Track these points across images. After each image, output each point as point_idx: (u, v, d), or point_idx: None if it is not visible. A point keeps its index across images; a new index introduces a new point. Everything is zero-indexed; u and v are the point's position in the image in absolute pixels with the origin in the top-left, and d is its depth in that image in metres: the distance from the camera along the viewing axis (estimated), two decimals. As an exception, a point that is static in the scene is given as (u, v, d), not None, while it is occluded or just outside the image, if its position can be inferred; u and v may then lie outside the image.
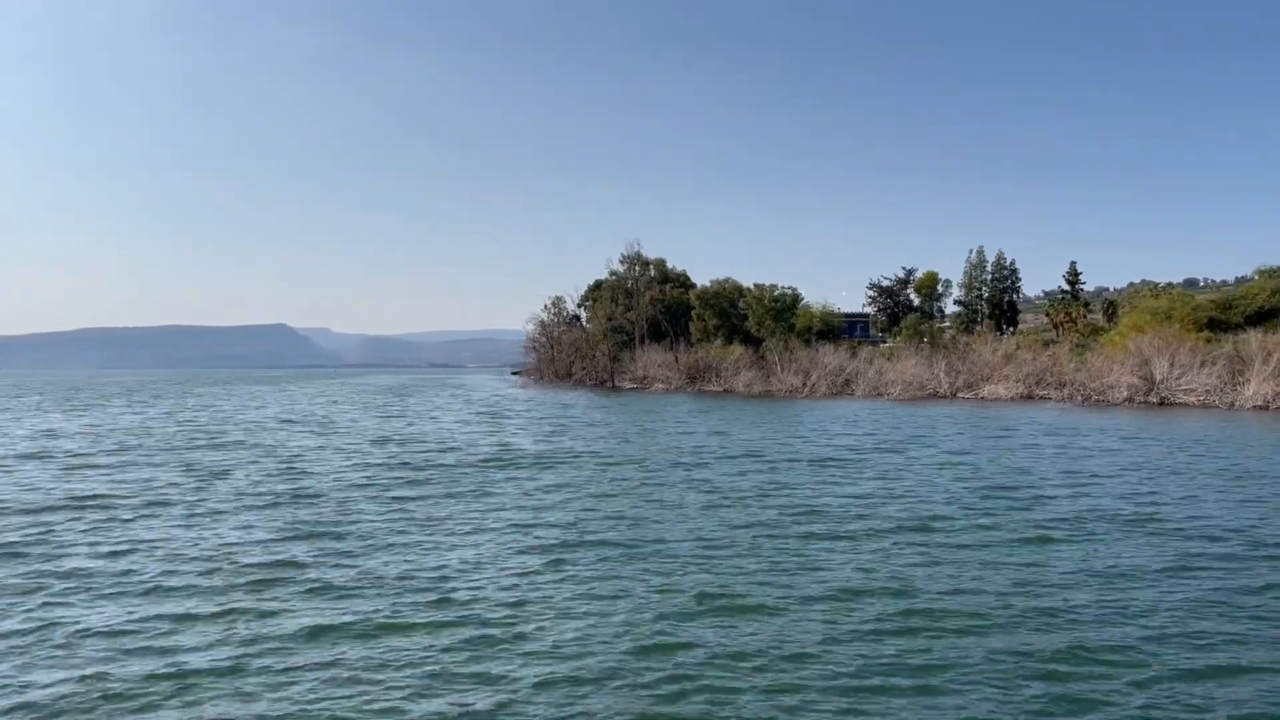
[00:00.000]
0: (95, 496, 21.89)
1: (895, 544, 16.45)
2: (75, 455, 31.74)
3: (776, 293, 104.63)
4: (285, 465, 28.54)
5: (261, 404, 73.56)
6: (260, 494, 22.36)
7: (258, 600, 12.72)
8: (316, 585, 13.48)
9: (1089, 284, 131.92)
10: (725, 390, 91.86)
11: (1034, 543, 16.53)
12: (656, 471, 26.98)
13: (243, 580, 13.79)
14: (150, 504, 20.78)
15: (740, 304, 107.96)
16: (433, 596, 12.93)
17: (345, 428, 45.26)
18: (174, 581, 13.66)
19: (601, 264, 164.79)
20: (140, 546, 16.12)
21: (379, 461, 29.47)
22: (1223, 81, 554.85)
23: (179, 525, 18.21)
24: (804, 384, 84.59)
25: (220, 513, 19.66)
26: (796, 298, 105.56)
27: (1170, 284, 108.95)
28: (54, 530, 17.69)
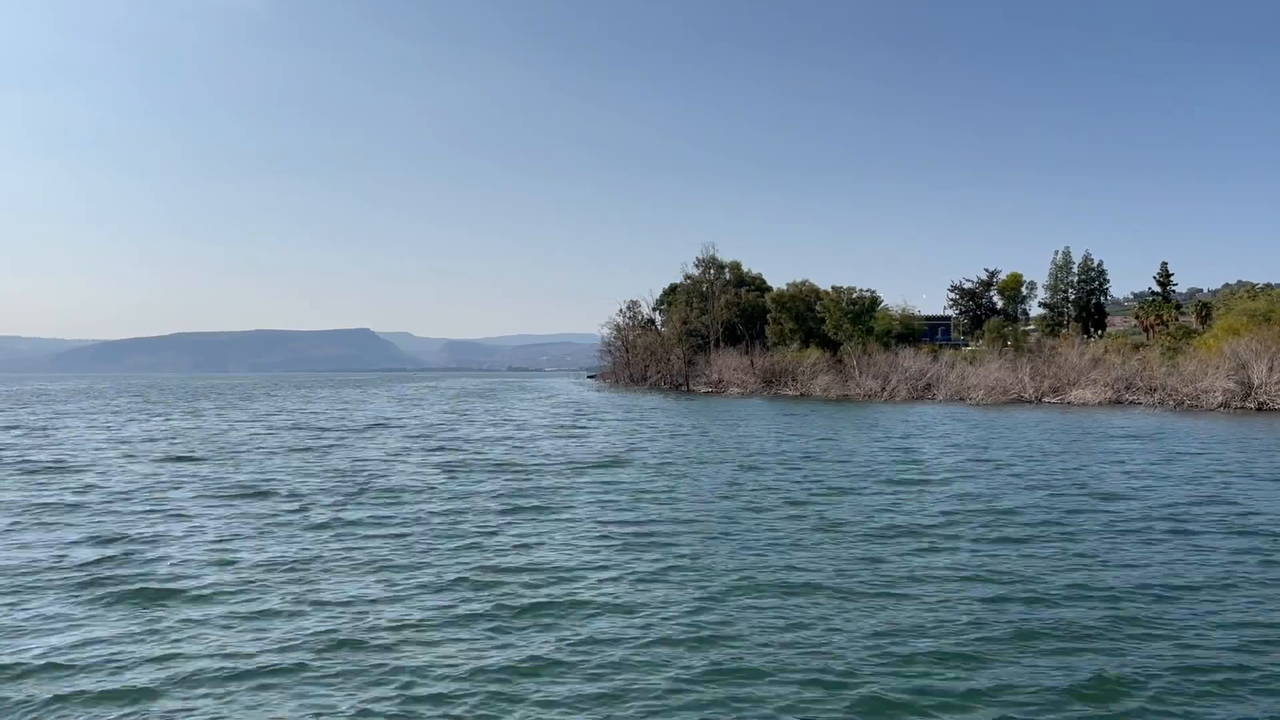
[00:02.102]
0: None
1: (991, 545, 16.13)
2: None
3: (855, 295, 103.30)
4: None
5: (408, 404, 75.38)
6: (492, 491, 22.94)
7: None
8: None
9: (1181, 285, 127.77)
10: (801, 394, 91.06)
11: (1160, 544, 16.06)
12: (758, 471, 26.92)
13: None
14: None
15: (817, 307, 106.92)
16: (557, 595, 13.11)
17: (451, 430, 46.10)
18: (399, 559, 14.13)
19: (677, 268, 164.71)
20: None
21: (478, 459, 30.01)
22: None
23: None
24: (883, 388, 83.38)
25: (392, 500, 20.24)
26: (875, 300, 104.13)
27: (1269, 285, 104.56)
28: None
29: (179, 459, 31.41)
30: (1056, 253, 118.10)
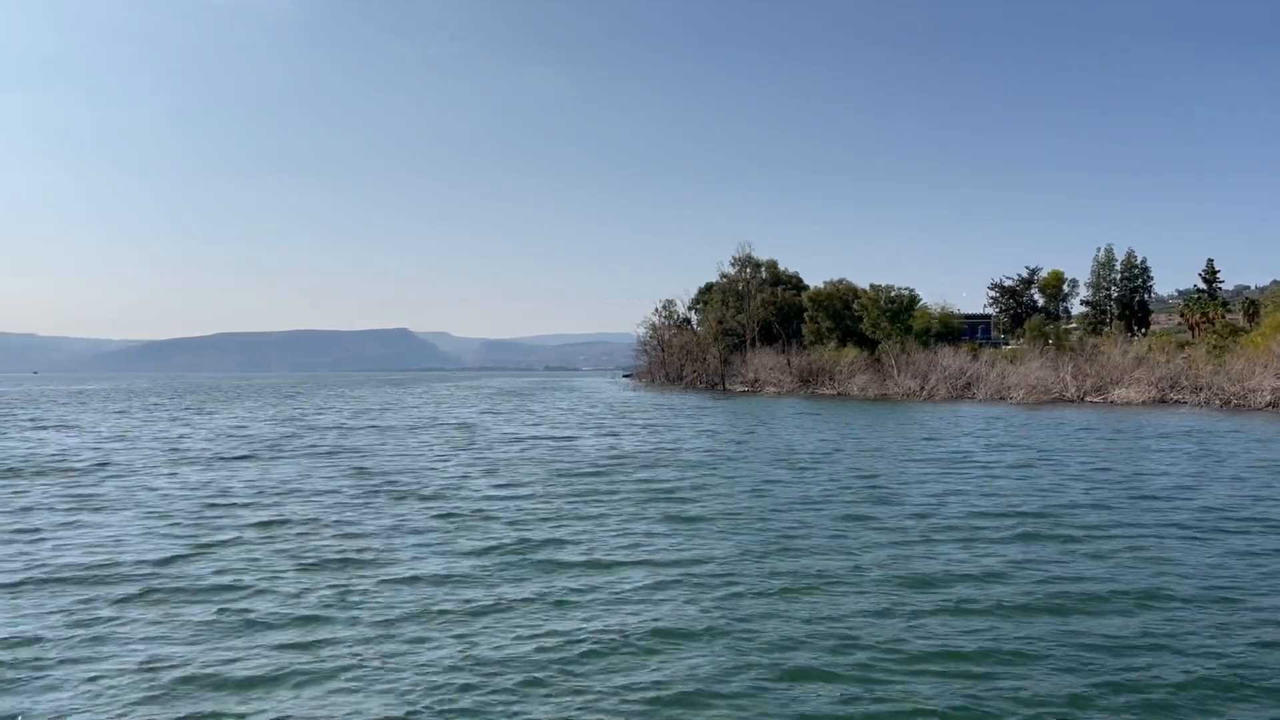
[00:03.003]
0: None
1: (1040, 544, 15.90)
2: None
3: (893, 294, 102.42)
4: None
5: (440, 402, 76.11)
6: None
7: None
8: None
9: (1227, 283, 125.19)
10: (839, 394, 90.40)
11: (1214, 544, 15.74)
12: (802, 470, 26.78)
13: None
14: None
15: (855, 305, 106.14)
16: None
17: (491, 430, 46.40)
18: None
19: (713, 267, 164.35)
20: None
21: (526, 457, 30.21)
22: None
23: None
24: (922, 387, 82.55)
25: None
26: (914, 299, 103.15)
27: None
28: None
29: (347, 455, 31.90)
30: (1099, 250, 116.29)
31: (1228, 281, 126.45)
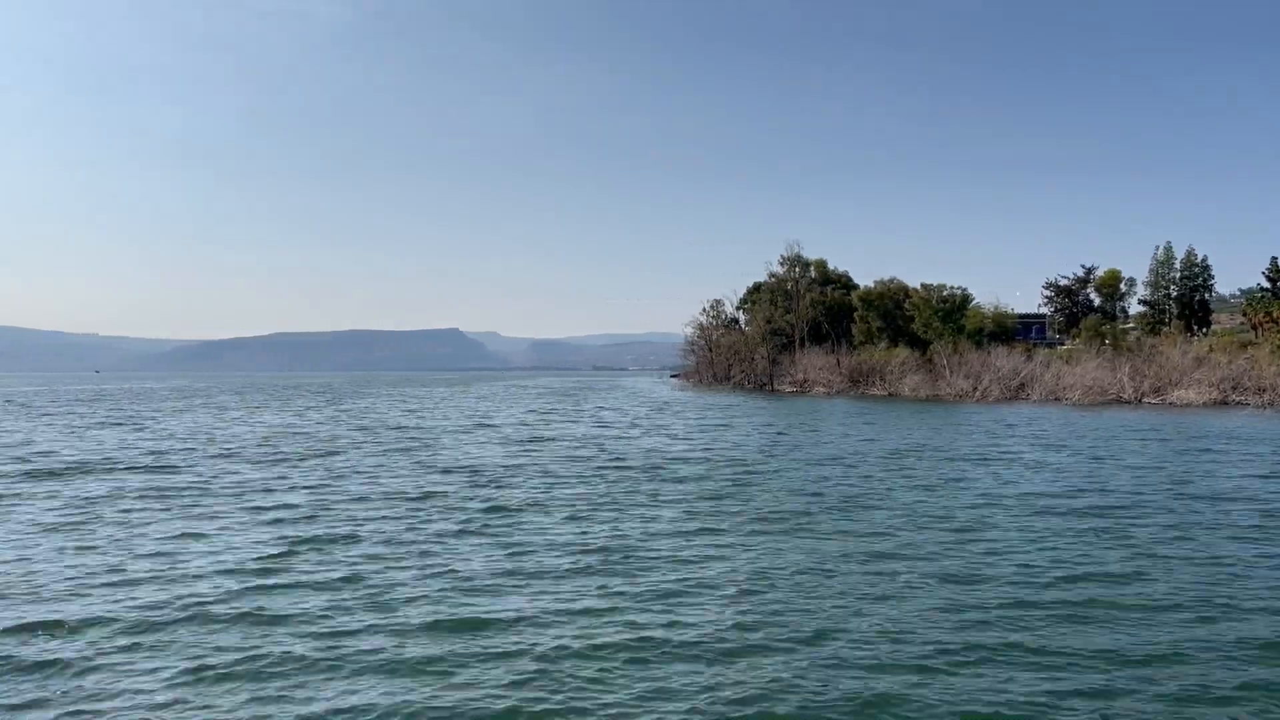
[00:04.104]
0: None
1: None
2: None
3: (945, 293, 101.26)
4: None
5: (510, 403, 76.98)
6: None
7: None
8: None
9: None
10: (890, 394, 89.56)
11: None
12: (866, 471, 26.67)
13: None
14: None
15: (906, 305, 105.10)
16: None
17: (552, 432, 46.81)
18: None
19: (761, 266, 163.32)
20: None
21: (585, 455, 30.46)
22: None
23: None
24: (974, 388, 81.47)
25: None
26: (966, 298, 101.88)
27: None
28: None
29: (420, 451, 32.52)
30: (1157, 248, 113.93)
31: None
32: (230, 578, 13.99)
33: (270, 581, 13.76)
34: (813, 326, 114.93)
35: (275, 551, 15.84)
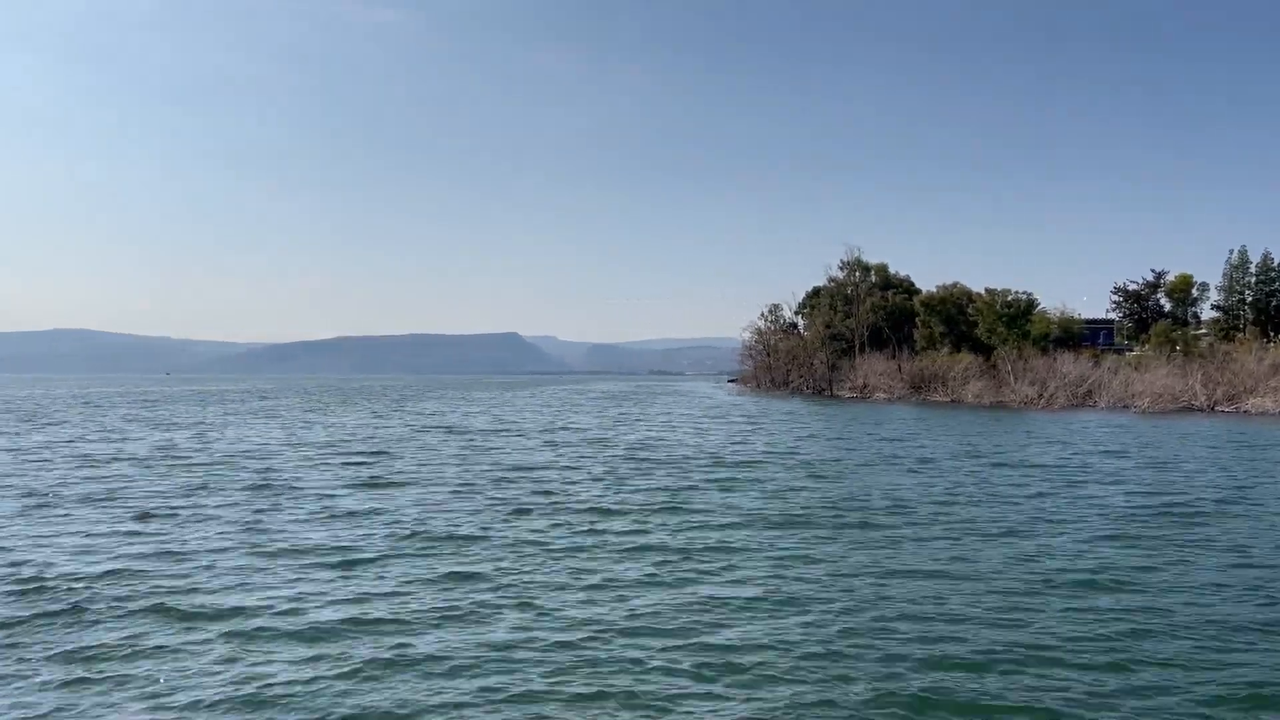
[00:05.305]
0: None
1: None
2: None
3: (1010, 298, 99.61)
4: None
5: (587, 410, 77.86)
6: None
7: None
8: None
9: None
10: (952, 400, 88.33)
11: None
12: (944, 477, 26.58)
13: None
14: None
15: (969, 310, 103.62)
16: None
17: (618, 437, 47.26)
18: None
19: (820, 271, 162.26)
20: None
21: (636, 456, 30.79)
22: None
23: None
24: (1040, 394, 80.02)
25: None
26: (1032, 303, 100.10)
27: None
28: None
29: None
30: (1231, 252, 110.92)
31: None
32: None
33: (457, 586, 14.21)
34: (873, 331, 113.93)
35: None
